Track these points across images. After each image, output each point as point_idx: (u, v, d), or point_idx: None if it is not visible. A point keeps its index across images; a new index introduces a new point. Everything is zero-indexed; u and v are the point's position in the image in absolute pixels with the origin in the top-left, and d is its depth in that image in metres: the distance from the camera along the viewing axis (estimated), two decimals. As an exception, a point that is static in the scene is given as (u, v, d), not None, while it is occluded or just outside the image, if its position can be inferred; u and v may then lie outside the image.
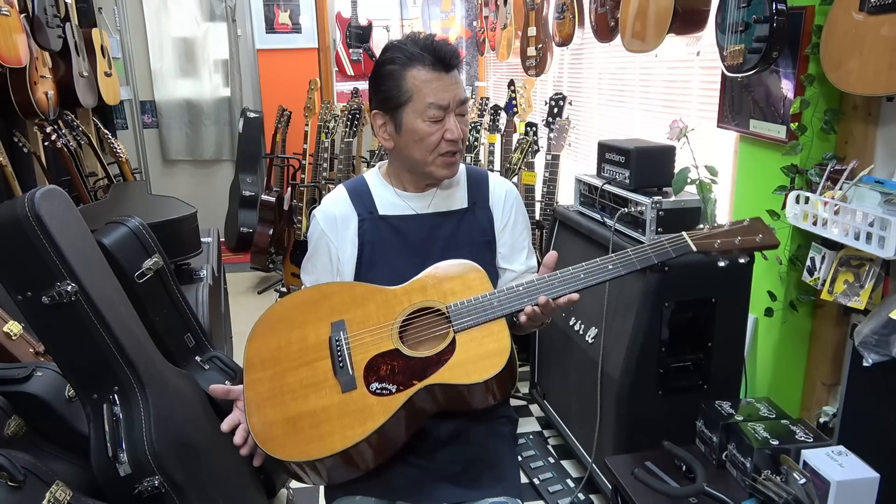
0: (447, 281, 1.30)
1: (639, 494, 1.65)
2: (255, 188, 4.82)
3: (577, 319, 2.32)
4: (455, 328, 1.23)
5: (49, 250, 1.43)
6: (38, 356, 1.85)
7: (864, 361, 1.46)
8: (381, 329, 1.27)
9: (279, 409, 1.21)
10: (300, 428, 1.19)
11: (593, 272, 1.24)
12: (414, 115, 1.31)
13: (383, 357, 1.24)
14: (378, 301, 1.30)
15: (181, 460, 1.58)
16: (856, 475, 1.42)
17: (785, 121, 1.89)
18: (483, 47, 4.55)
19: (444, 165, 1.36)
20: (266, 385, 1.24)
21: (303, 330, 1.29)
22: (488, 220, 1.45)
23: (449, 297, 1.28)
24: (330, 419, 1.19)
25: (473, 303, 1.25)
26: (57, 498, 1.29)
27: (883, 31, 1.46)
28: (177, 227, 2.46)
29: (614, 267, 1.24)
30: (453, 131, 1.32)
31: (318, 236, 1.44)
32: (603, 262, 1.25)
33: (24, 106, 3.04)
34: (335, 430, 1.17)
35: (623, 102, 3.11)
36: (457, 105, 1.32)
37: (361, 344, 1.26)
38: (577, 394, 2.35)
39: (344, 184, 1.49)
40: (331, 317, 1.30)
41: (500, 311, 1.23)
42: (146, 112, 5.16)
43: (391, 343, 1.25)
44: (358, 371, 1.23)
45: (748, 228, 1.27)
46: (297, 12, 4.98)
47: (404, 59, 1.30)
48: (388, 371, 1.22)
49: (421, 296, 1.29)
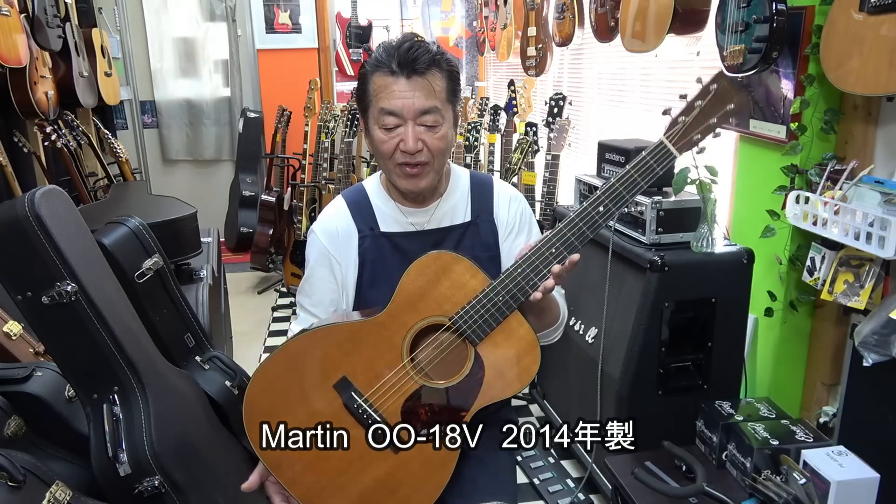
0: (434, 286, 1.17)
1: (639, 494, 1.65)
2: (255, 188, 4.82)
3: (577, 319, 2.32)
4: (472, 341, 1.16)
5: (49, 250, 1.43)
6: (38, 356, 1.85)
7: (864, 361, 1.46)
8: (396, 374, 1.17)
9: (342, 495, 1.16)
10: (380, 502, 1.16)
11: (586, 219, 1.14)
12: (373, 121, 1.28)
13: (414, 401, 1.16)
14: (371, 340, 1.18)
15: (181, 460, 1.58)
16: (856, 475, 1.42)
17: (785, 121, 1.89)
18: (483, 47, 4.55)
19: (402, 176, 1.28)
20: (309, 478, 1.16)
21: (307, 407, 1.17)
22: (492, 233, 1.40)
23: (445, 305, 1.17)
24: (402, 481, 1.16)
25: (477, 306, 1.15)
26: (57, 498, 1.29)
27: (883, 31, 1.46)
28: (177, 227, 2.46)
29: (605, 209, 1.14)
30: (407, 142, 1.23)
31: (319, 255, 1.37)
32: (593, 206, 1.14)
33: (24, 106, 3.04)
34: (417, 487, 1.16)
35: (623, 102, 3.11)
36: (415, 115, 1.23)
37: (383, 396, 1.16)
38: (577, 394, 2.35)
39: (343, 195, 1.42)
40: (329, 379, 1.17)
41: (512, 304, 1.15)
42: (146, 112, 5.15)
43: (415, 382, 1.16)
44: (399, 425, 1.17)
45: (717, 99, 1.15)
46: (297, 12, 4.98)
47: (372, 63, 1.26)
48: (429, 413, 1.16)
49: (414, 315, 1.18)
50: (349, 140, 3.80)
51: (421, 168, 1.28)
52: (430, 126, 1.25)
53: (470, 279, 1.17)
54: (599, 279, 2.14)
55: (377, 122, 1.26)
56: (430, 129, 1.25)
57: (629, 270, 2.04)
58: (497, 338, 1.16)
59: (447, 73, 1.27)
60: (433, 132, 1.26)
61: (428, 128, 1.25)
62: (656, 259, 1.88)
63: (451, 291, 1.17)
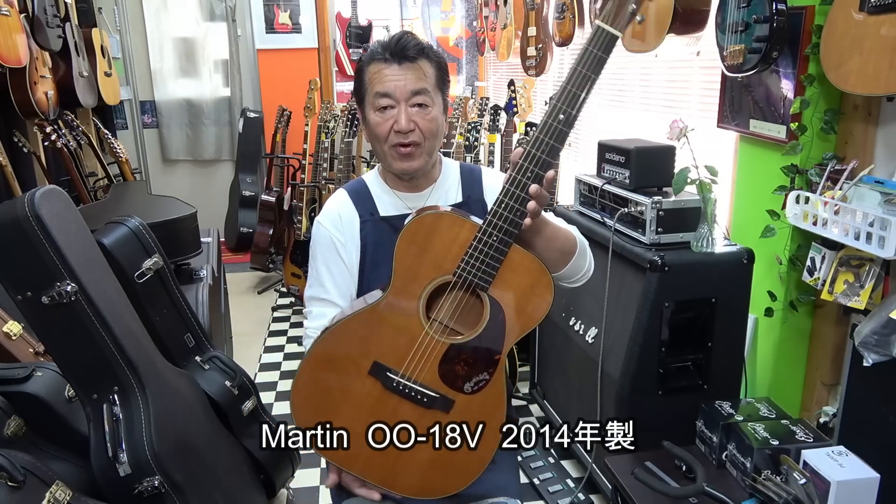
0: (428, 249, 1.19)
1: (639, 494, 1.65)
2: (255, 188, 4.82)
3: (577, 319, 2.32)
4: (482, 288, 1.17)
5: (49, 250, 1.43)
6: (38, 356, 1.85)
7: (864, 361, 1.46)
8: (422, 342, 1.20)
9: (413, 465, 1.22)
10: (447, 463, 1.22)
11: (550, 132, 1.13)
12: (369, 108, 1.36)
13: (448, 361, 1.20)
14: (388, 318, 1.21)
15: (181, 460, 1.59)
16: (856, 475, 1.42)
17: (785, 121, 1.89)
18: (483, 47, 4.55)
19: (397, 157, 1.36)
20: (378, 462, 1.22)
21: (352, 401, 1.22)
22: (483, 211, 1.44)
23: (444, 263, 1.18)
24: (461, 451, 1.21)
25: (475, 254, 1.15)
26: (57, 498, 1.29)
27: (883, 31, 1.46)
28: (177, 227, 2.47)
29: (566, 115, 1.12)
30: (400, 122, 1.32)
31: (326, 242, 1.42)
32: (552, 117, 1.13)
33: (24, 106, 3.04)
34: (468, 452, 1.21)
35: (623, 102, 3.11)
36: (406, 96, 1.32)
37: (417, 366, 1.20)
38: (577, 394, 2.35)
39: (344, 186, 1.50)
40: (362, 368, 1.21)
41: (507, 240, 1.15)
42: (146, 112, 5.15)
43: (443, 344, 1.20)
44: (441, 389, 1.20)
45: None
46: (297, 12, 4.98)
47: (367, 56, 1.36)
48: (466, 366, 1.20)
49: (419, 283, 1.20)
50: (349, 140, 3.80)
51: (414, 148, 1.35)
52: (421, 106, 1.33)
53: (459, 231, 1.18)
54: (599, 279, 2.13)
55: (372, 105, 1.34)
56: (421, 109, 1.33)
57: (629, 270, 2.04)
58: (505, 276, 1.17)
59: (436, 63, 1.36)
60: (424, 113, 1.34)
61: (419, 108, 1.33)
62: (656, 259, 1.88)
63: (446, 248, 1.18)
